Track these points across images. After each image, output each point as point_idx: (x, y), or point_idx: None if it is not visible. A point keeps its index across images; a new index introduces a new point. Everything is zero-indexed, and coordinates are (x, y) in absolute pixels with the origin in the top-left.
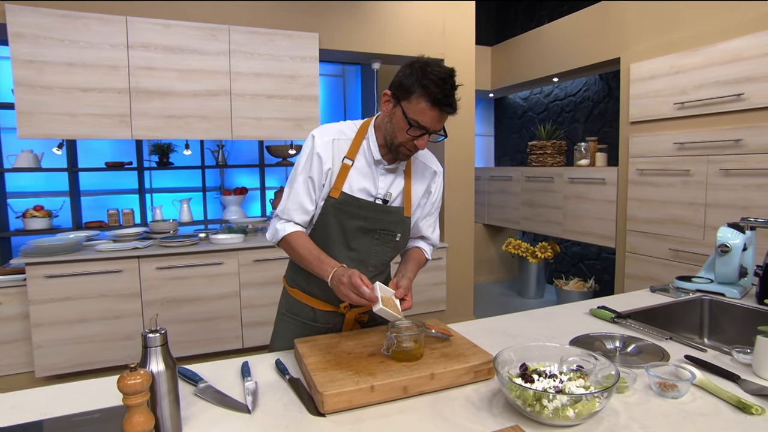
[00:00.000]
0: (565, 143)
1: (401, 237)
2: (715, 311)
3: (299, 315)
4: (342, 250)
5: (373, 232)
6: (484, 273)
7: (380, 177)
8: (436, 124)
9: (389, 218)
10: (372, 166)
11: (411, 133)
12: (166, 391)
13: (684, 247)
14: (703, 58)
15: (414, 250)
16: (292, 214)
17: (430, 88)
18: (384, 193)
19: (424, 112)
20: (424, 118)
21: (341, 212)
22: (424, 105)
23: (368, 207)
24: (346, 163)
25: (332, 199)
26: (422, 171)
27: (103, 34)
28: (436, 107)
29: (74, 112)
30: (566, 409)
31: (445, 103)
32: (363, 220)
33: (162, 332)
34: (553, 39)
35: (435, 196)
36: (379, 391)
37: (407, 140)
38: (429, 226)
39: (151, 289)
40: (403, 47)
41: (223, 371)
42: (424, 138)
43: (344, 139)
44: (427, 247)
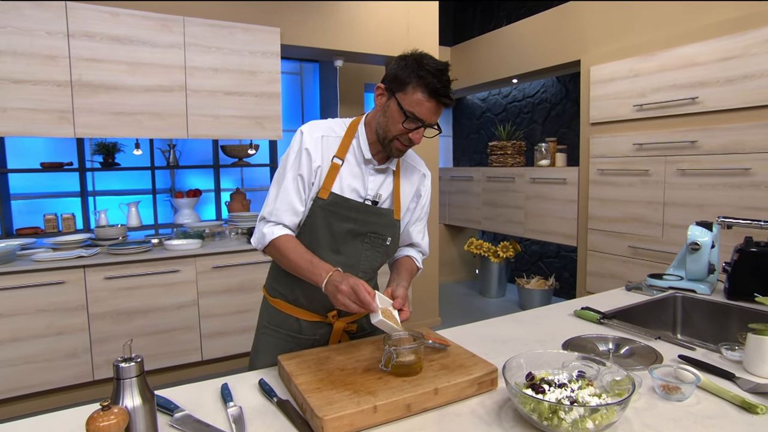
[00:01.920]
0: (524, 144)
1: (391, 241)
2: (687, 307)
3: (282, 327)
4: (330, 254)
5: (362, 235)
6: (446, 273)
7: (370, 177)
8: (431, 116)
9: (379, 221)
10: (362, 166)
11: (407, 125)
12: (144, 430)
13: (643, 245)
14: (660, 63)
15: (405, 260)
16: (282, 216)
17: (427, 78)
18: (374, 194)
19: (421, 103)
20: (421, 110)
21: (330, 214)
22: (420, 96)
23: (358, 208)
24: (335, 163)
25: (321, 200)
26: (411, 174)
27: (38, 20)
28: (432, 98)
29: (4, 105)
30: (585, 420)
31: (443, 93)
32: (353, 222)
33: (138, 360)
34: (513, 41)
35: (425, 200)
36: (382, 412)
37: (402, 133)
38: (419, 232)
39: (98, 301)
40: (367, 45)
41: (200, 396)
42: (419, 131)
43: (333, 136)
44: (418, 255)
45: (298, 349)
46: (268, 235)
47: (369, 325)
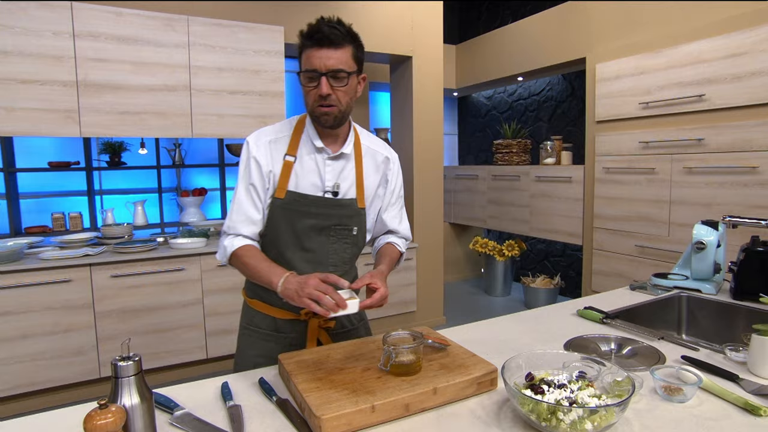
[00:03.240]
0: (530, 142)
1: (358, 231)
2: (693, 307)
3: (261, 327)
4: (296, 252)
5: (327, 229)
6: (451, 272)
7: (326, 168)
8: (320, 61)
9: (342, 212)
10: (315, 157)
11: (307, 83)
12: (141, 428)
13: (650, 244)
14: (666, 60)
15: (385, 247)
16: (239, 228)
17: (305, 31)
18: (332, 185)
19: (308, 56)
20: (308, 60)
21: (290, 212)
22: (306, 52)
23: (318, 203)
24: (288, 161)
25: (278, 200)
26: (373, 158)
27: (44, 20)
28: (314, 46)
29: (11, 105)
30: (584, 422)
31: (315, 31)
32: (314, 217)
33: (136, 359)
34: (518, 38)
35: (393, 185)
36: (380, 411)
37: (310, 93)
38: (394, 218)
39: (104, 299)
40: (371, 43)
41: (200, 394)
42: (321, 83)
43: (282, 137)
44: (399, 240)
45: (277, 348)
46: (229, 247)
47: (348, 321)
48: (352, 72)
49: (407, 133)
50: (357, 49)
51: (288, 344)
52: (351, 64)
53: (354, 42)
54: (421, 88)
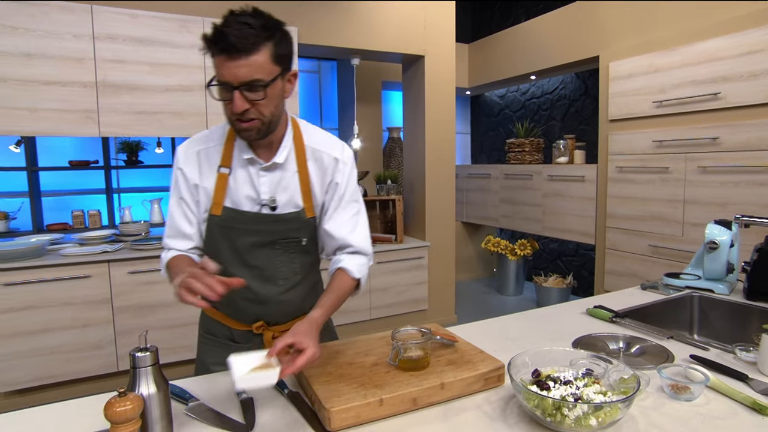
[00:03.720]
0: (543, 141)
1: (309, 240)
2: (705, 307)
3: (217, 335)
4: (241, 269)
5: (272, 243)
6: (463, 271)
7: (261, 179)
8: (230, 72)
9: (287, 227)
10: (247, 168)
11: (220, 95)
12: (158, 416)
13: (663, 243)
14: (681, 58)
15: (334, 276)
16: (171, 243)
17: (208, 35)
18: (268, 198)
19: (217, 65)
20: (219, 72)
21: (229, 230)
22: (214, 58)
23: (257, 220)
24: (222, 173)
25: (215, 217)
26: (319, 160)
27: (65, 23)
28: (218, 54)
29: (34, 106)
30: (588, 417)
31: (219, 39)
32: (255, 234)
33: (152, 350)
34: (531, 37)
35: (343, 188)
36: (388, 405)
37: (225, 107)
38: (343, 225)
39: (122, 294)
40: (383, 43)
41: (214, 386)
42: (235, 98)
43: (213, 146)
44: (351, 262)
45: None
46: (163, 260)
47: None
48: (273, 79)
49: (419, 133)
50: (278, 46)
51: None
52: (270, 69)
53: (273, 38)
54: (434, 87)
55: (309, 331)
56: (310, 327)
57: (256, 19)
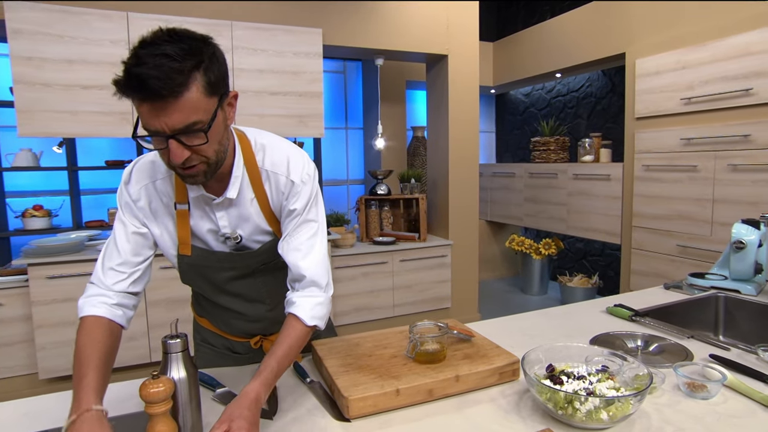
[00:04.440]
0: (568, 139)
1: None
2: (731, 308)
3: (215, 345)
4: (226, 299)
5: (251, 275)
6: (487, 270)
7: (217, 214)
8: (157, 121)
9: (261, 258)
10: (202, 205)
11: (153, 145)
12: (188, 399)
13: (691, 243)
14: (711, 53)
15: (285, 324)
16: (105, 278)
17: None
18: (230, 232)
19: (139, 111)
20: (144, 119)
21: (203, 268)
22: (134, 103)
23: (232, 258)
24: (180, 210)
25: (186, 257)
26: (275, 183)
27: (104, 31)
28: (136, 98)
29: (75, 109)
30: (599, 411)
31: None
32: (231, 269)
33: (183, 337)
34: (556, 35)
35: (297, 213)
36: (404, 395)
37: (164, 158)
38: (296, 250)
39: (154, 289)
40: (406, 43)
41: (240, 375)
42: (171, 146)
43: (160, 179)
44: (304, 305)
45: (233, 364)
46: (80, 307)
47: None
48: (213, 116)
49: (443, 132)
50: (209, 72)
51: (246, 362)
52: (206, 104)
53: (201, 65)
54: (457, 86)
55: (242, 413)
56: (244, 407)
57: (174, 44)
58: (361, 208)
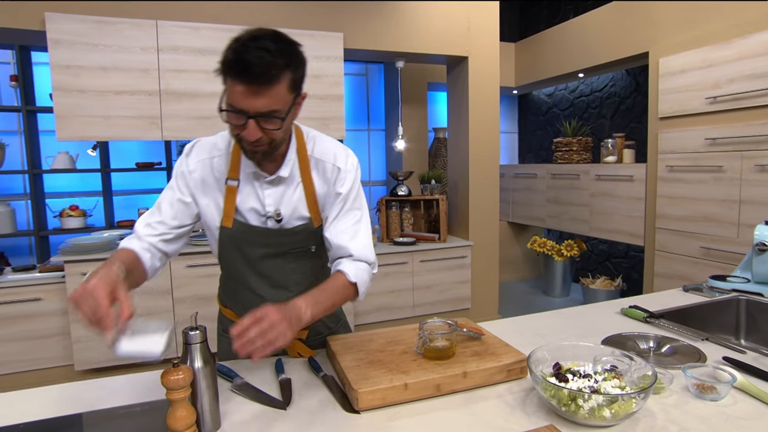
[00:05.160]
0: (591, 140)
1: (317, 247)
2: (753, 312)
3: None
4: (255, 278)
5: (282, 255)
6: (508, 271)
7: (265, 191)
8: (247, 101)
9: (296, 238)
10: (252, 181)
11: (231, 120)
12: (206, 387)
13: (716, 246)
14: (737, 51)
15: (332, 278)
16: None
17: (229, 58)
18: (273, 211)
19: (231, 89)
20: (233, 97)
21: (240, 241)
22: (229, 81)
23: (268, 234)
24: (230, 185)
25: (226, 229)
26: (322, 170)
27: (135, 38)
28: (237, 79)
29: (108, 114)
30: (602, 409)
31: (242, 69)
32: (265, 247)
33: (202, 329)
34: (578, 34)
35: (344, 197)
36: (412, 389)
37: (236, 133)
38: (343, 233)
39: (181, 286)
40: (427, 45)
41: (257, 368)
42: (249, 124)
43: (218, 156)
44: (350, 266)
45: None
46: (120, 243)
47: (324, 327)
48: (289, 109)
49: (463, 133)
50: (296, 72)
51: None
52: (287, 98)
53: (291, 64)
54: (477, 87)
55: (280, 308)
56: (284, 306)
57: (276, 44)
58: (382, 208)
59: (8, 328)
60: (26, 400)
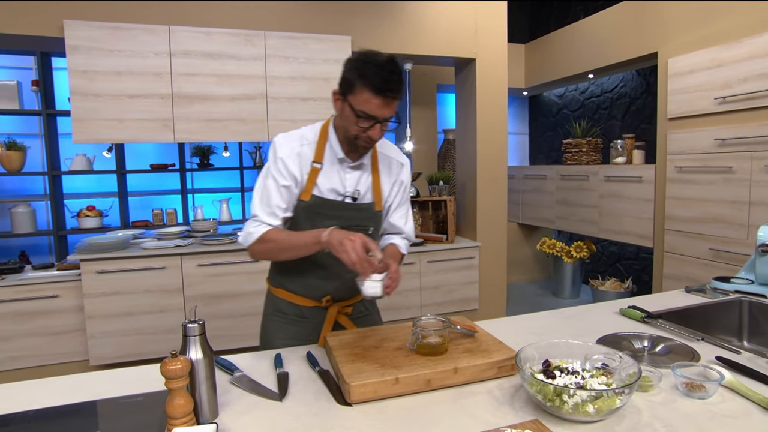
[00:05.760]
0: (601, 141)
1: (373, 230)
2: (755, 313)
3: (286, 313)
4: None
5: (346, 228)
6: (518, 272)
7: (347, 175)
8: (382, 111)
9: (361, 215)
10: (337, 165)
11: (361, 125)
12: (204, 378)
13: (726, 247)
14: (748, 50)
15: (388, 248)
16: (266, 218)
17: (370, 77)
18: (352, 191)
19: (368, 101)
20: (370, 107)
21: (314, 214)
22: (367, 95)
23: (340, 206)
24: (314, 167)
25: (303, 203)
26: (388, 164)
27: (148, 43)
28: (378, 95)
29: (122, 117)
30: (586, 404)
31: (386, 88)
32: (335, 219)
33: (200, 323)
34: (588, 35)
35: (403, 188)
36: (403, 384)
37: (360, 132)
38: (401, 218)
39: (192, 285)
40: (434, 47)
41: (257, 362)
42: (375, 128)
43: (307, 144)
44: (402, 242)
45: (302, 332)
46: (254, 233)
47: (363, 308)
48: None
49: (471, 134)
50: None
51: (312, 328)
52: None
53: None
54: (485, 89)
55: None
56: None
57: (397, 66)
58: None
59: (27, 324)
60: (28, 390)
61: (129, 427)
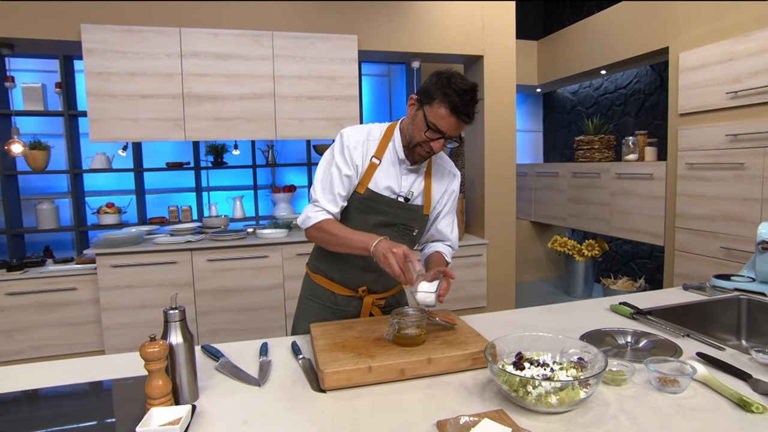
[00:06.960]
0: (613, 138)
1: (418, 232)
2: (754, 311)
3: (321, 299)
4: None
5: (393, 226)
6: (531, 271)
7: (403, 176)
8: (452, 130)
9: (410, 215)
10: (396, 166)
11: (428, 135)
12: (183, 361)
13: (737, 246)
14: (760, 43)
15: (434, 255)
16: (326, 205)
17: (452, 96)
18: (406, 192)
19: (443, 117)
20: (443, 123)
21: (366, 207)
22: (443, 111)
23: (391, 204)
24: (373, 162)
25: (358, 194)
26: (442, 173)
27: (160, 45)
28: (454, 114)
29: (136, 117)
30: (549, 396)
31: (463, 112)
32: (385, 215)
33: (180, 309)
34: (599, 30)
35: (453, 197)
36: (376, 372)
37: (424, 141)
38: (448, 225)
39: (202, 279)
40: (442, 45)
41: (244, 350)
42: (439, 141)
43: (372, 139)
44: (447, 249)
45: (334, 318)
46: (313, 218)
47: (395, 301)
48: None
49: (479, 132)
50: None
51: (343, 316)
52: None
53: None
54: (493, 87)
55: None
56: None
57: (477, 94)
58: None
59: (47, 315)
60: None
61: (117, 404)
